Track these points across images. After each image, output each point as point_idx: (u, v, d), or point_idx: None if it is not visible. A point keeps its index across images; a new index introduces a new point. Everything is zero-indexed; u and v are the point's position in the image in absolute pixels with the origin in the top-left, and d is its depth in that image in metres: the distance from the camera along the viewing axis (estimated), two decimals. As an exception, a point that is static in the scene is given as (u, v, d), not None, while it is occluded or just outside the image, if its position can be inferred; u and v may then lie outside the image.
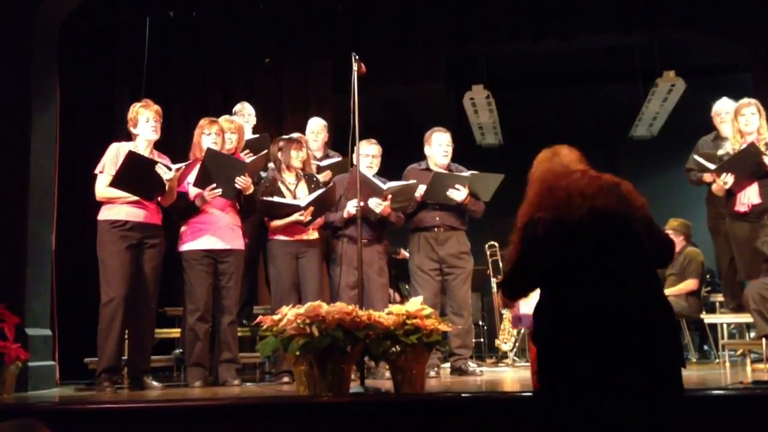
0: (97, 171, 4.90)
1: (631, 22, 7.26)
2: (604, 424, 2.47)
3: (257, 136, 6.08)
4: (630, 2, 7.14)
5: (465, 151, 6.31)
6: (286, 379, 5.03)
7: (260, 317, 3.97)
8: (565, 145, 2.91)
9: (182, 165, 4.97)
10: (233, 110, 6.32)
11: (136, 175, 4.75)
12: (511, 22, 7.35)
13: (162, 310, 5.80)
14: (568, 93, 10.36)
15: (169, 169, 4.82)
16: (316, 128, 6.22)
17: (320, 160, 6.03)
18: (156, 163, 4.80)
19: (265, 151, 5.47)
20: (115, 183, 4.74)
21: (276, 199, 5.21)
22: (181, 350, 5.60)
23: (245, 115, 6.34)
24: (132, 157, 4.72)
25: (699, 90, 8.53)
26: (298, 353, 3.63)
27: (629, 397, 2.46)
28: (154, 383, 4.90)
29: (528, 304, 4.06)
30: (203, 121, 5.19)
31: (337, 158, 6.06)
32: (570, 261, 2.62)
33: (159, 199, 4.93)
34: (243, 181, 4.99)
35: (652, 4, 7.10)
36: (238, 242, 5.12)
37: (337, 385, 3.66)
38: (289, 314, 3.72)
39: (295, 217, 5.17)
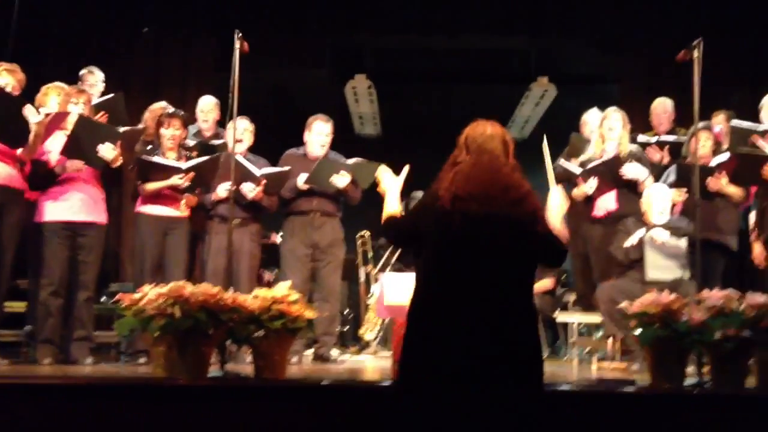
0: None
1: (513, 25, 7.49)
2: (457, 415, 2.54)
3: (109, 96, 5.78)
4: (513, 7, 7.36)
5: (343, 140, 6.32)
6: (142, 359, 4.89)
7: (119, 294, 3.85)
8: (498, 126, 2.94)
9: (51, 113, 4.74)
10: (79, 74, 5.98)
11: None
12: (400, 15, 7.43)
13: (14, 282, 5.51)
14: (448, 90, 10.54)
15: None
16: (207, 107, 6.01)
17: (210, 139, 5.87)
18: (24, 102, 4.55)
19: (143, 126, 5.31)
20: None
21: (156, 159, 5.07)
22: (31, 326, 5.34)
23: (93, 83, 5.98)
24: None
25: (569, 97, 8.89)
26: (157, 333, 3.54)
27: (483, 390, 2.53)
28: (-1, 359, 4.66)
29: (394, 295, 4.14)
30: (70, 89, 4.97)
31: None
32: (444, 252, 2.68)
33: (19, 152, 4.64)
34: (109, 151, 4.80)
35: (534, 11, 7.35)
36: (100, 215, 4.94)
37: (196, 368, 3.60)
38: (150, 293, 3.63)
39: (174, 180, 5.04)
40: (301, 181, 5.46)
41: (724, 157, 5.28)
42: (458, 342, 2.56)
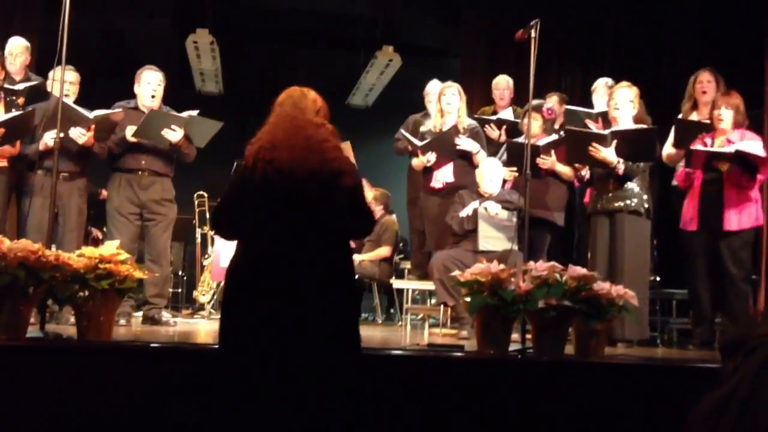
0: None
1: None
2: (274, 376, 2.54)
3: None
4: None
5: (184, 96, 6.08)
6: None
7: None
8: (313, 91, 2.89)
9: None
10: None
11: None
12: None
13: None
14: (294, 52, 10.42)
15: None
16: (16, 50, 5.57)
17: (18, 83, 5.46)
18: None
19: None
20: None
21: None
22: None
23: None
24: None
25: (413, 68, 9.03)
26: (-31, 291, 3.28)
27: (297, 351, 2.54)
28: None
29: (228, 258, 4.05)
30: None
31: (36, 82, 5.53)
32: (258, 217, 2.65)
33: None
34: None
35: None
36: None
37: (14, 327, 3.37)
38: (-38, 248, 3.35)
39: None
40: (130, 133, 5.19)
41: (555, 137, 5.53)
42: (270, 302, 2.55)
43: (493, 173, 5.45)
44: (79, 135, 5.00)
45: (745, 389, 0.71)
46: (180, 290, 7.69)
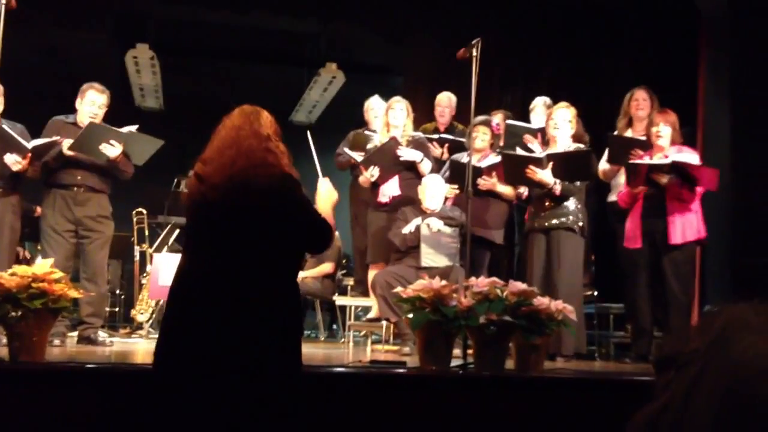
0: None
1: (303, 8, 7.47)
2: (204, 402, 2.49)
3: None
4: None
5: (123, 112, 5.97)
6: None
7: None
8: (266, 111, 2.84)
9: None
10: None
11: None
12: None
13: None
14: (237, 68, 10.36)
15: None
16: None
17: None
18: None
19: None
20: None
21: None
22: None
23: None
24: None
25: (357, 85, 9.06)
26: None
27: (230, 376, 2.48)
28: None
29: (169, 276, 3.98)
30: None
31: None
32: (200, 234, 2.62)
33: None
34: None
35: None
36: None
37: (-60, 350, 3.25)
38: None
39: None
40: (66, 145, 5.07)
41: (496, 158, 5.60)
42: (210, 319, 2.50)
43: (435, 190, 5.49)
44: (14, 162, 4.87)
45: (677, 404, 0.72)
46: (117, 309, 7.52)
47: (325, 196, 3.02)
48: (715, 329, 0.74)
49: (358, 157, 5.74)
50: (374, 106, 6.27)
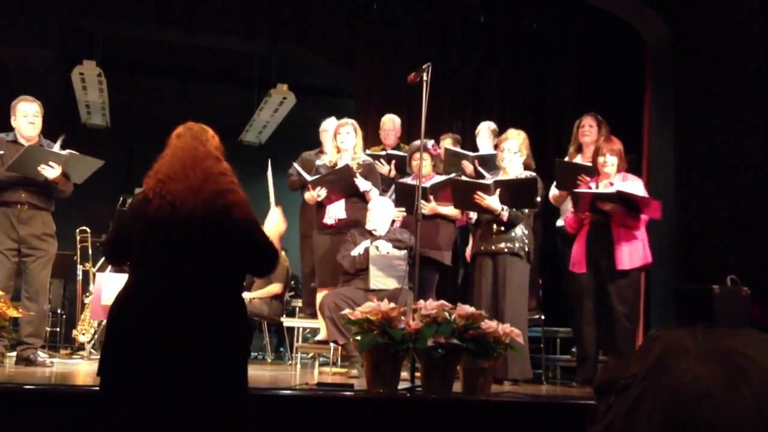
0: None
1: (254, 29, 7.46)
2: (148, 420, 2.45)
3: None
4: (255, 11, 7.33)
5: (69, 129, 5.88)
6: None
7: None
8: (211, 129, 2.82)
9: None
10: None
11: None
12: (135, 4, 7.10)
13: None
14: (185, 87, 10.29)
15: None
16: None
17: None
18: None
19: None
20: None
21: None
22: None
23: None
24: None
25: (308, 107, 9.07)
26: None
27: (175, 396, 2.46)
28: None
29: (112, 295, 3.91)
30: None
31: None
32: (146, 251, 2.58)
33: None
34: None
35: (276, 18, 7.38)
36: None
37: None
38: None
39: None
40: (4, 167, 4.97)
41: (441, 177, 5.66)
42: (153, 339, 2.46)
43: (383, 212, 5.50)
44: None
45: (617, 427, 0.73)
46: (58, 329, 7.34)
47: (273, 226, 3.01)
48: (654, 354, 0.76)
49: (307, 176, 5.73)
50: (328, 128, 6.28)
